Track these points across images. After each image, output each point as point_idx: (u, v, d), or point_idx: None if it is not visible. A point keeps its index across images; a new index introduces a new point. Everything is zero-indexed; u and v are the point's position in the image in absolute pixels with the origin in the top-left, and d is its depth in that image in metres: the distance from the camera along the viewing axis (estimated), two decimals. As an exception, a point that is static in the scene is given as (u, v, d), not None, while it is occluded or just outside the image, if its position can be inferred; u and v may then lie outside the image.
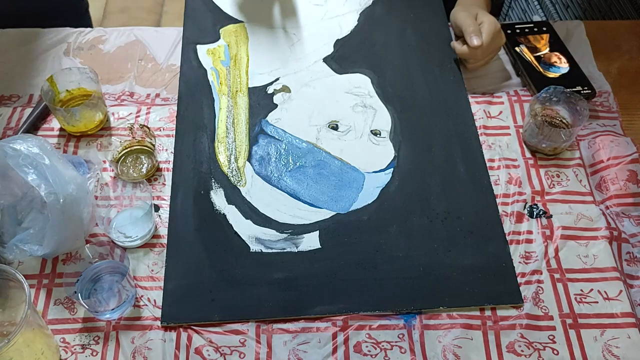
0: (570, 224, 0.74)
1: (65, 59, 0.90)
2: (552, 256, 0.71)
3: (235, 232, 0.73)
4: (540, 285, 0.69)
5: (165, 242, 0.72)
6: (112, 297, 0.64)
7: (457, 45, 0.88)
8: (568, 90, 0.80)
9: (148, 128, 0.81)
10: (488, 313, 0.68)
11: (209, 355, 0.65)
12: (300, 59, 0.90)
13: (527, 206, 0.76)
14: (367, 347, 0.65)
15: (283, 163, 0.79)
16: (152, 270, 0.70)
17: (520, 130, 0.83)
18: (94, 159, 0.77)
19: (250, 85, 0.87)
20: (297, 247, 0.72)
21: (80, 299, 0.65)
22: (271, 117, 0.83)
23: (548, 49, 0.91)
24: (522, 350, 0.65)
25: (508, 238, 0.73)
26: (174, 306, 0.67)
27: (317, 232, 0.73)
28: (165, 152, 0.80)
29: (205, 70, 0.88)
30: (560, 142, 0.78)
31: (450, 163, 0.79)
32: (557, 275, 0.70)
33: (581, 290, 0.69)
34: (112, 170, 0.78)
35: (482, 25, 0.86)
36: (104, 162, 0.79)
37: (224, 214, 0.74)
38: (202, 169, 0.78)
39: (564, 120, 0.81)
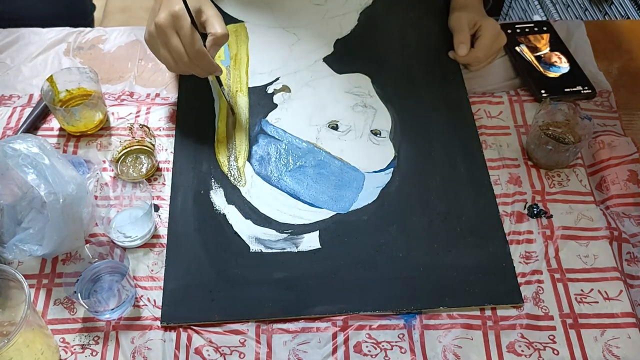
0: (571, 223, 0.74)
1: (65, 59, 0.90)
2: (553, 256, 0.71)
3: (235, 232, 0.73)
4: (541, 285, 0.69)
5: (165, 242, 0.72)
6: (111, 297, 0.64)
7: (455, 53, 0.88)
8: (572, 104, 0.78)
9: (148, 128, 0.81)
10: (488, 313, 0.68)
11: (208, 355, 0.65)
12: (300, 59, 0.90)
13: (527, 206, 0.76)
14: (367, 347, 0.65)
15: (283, 163, 0.79)
16: (152, 270, 0.70)
17: (521, 129, 0.83)
18: (94, 159, 0.77)
19: (250, 85, 0.87)
20: (297, 247, 0.72)
21: (80, 299, 0.65)
22: (271, 116, 0.83)
23: (548, 48, 0.91)
24: (522, 350, 0.65)
25: (508, 238, 0.73)
26: (173, 306, 0.67)
27: (317, 232, 0.73)
28: (165, 152, 0.80)
29: (205, 70, 0.88)
30: (565, 160, 0.77)
31: (450, 163, 0.79)
32: (557, 275, 0.70)
33: (581, 290, 0.69)
34: (112, 170, 0.78)
35: (480, 29, 0.86)
36: (104, 162, 0.79)
37: (223, 213, 0.74)
38: (202, 169, 0.78)
39: (567, 137, 0.80)
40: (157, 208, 0.75)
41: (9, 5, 1.01)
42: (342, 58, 0.90)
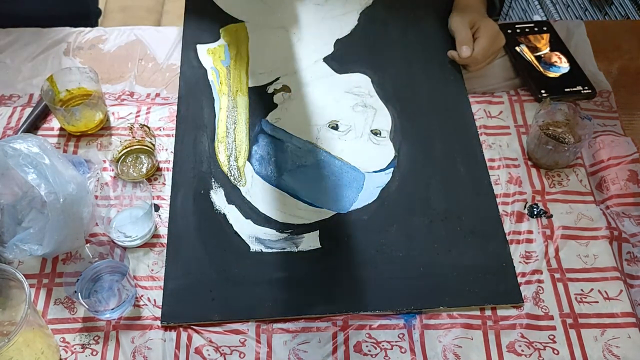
0: (571, 223, 0.74)
1: (65, 59, 0.90)
2: (553, 256, 0.71)
3: (235, 232, 0.73)
4: (541, 285, 0.69)
5: (165, 241, 0.72)
6: (112, 296, 0.64)
7: (455, 54, 0.88)
8: (572, 104, 0.79)
9: (148, 128, 0.81)
10: (488, 313, 0.68)
11: (209, 355, 0.65)
12: (300, 59, 0.90)
13: (527, 206, 0.76)
14: (367, 346, 0.65)
15: (283, 163, 0.79)
16: (152, 270, 0.70)
17: (521, 129, 0.83)
18: (94, 159, 0.77)
19: (250, 85, 0.87)
20: (297, 247, 0.72)
21: (80, 299, 0.65)
22: (271, 116, 0.83)
23: (548, 48, 0.91)
24: (522, 350, 0.65)
25: (508, 238, 0.73)
26: (174, 306, 0.67)
27: (317, 232, 0.73)
28: (165, 152, 0.80)
29: (206, 70, 0.88)
30: (565, 159, 0.78)
31: (450, 163, 0.79)
32: (557, 275, 0.70)
33: (581, 290, 0.69)
34: (112, 170, 0.78)
35: (479, 30, 0.86)
36: (104, 161, 0.79)
37: (224, 213, 0.74)
38: (202, 169, 0.78)
39: (567, 137, 0.80)
40: (157, 208, 0.75)
41: (14, 5, 1.01)
42: (342, 58, 0.90)
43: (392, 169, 0.79)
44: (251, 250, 0.72)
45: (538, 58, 0.89)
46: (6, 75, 0.89)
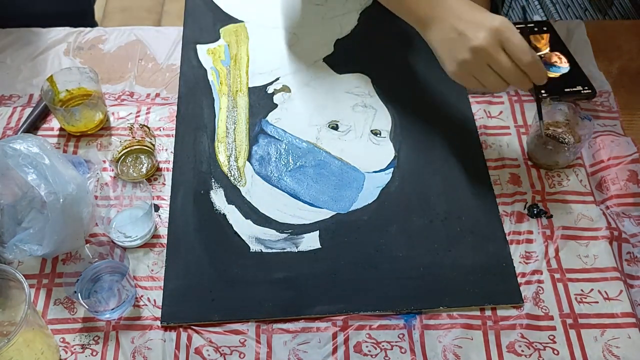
0: (571, 224, 0.74)
1: (65, 59, 0.90)
2: (553, 256, 0.71)
3: (235, 232, 0.73)
4: (541, 285, 0.69)
5: (165, 242, 0.72)
6: (112, 297, 0.64)
7: None
8: (572, 104, 0.79)
9: (148, 128, 0.81)
10: (488, 313, 0.68)
11: (209, 355, 0.65)
12: (300, 59, 0.90)
13: (527, 206, 0.76)
14: (367, 347, 0.65)
15: (283, 163, 0.79)
16: (152, 270, 0.70)
17: (521, 129, 0.83)
18: (94, 159, 0.77)
19: (250, 85, 0.87)
20: (297, 247, 0.72)
21: (80, 299, 0.65)
22: (271, 116, 0.83)
23: (548, 48, 0.91)
24: (522, 350, 0.65)
25: (508, 238, 0.73)
26: (174, 306, 0.67)
27: (317, 232, 0.73)
28: (165, 152, 0.80)
29: (206, 70, 0.88)
30: (565, 159, 0.78)
31: (450, 163, 0.79)
32: (557, 275, 0.70)
33: (581, 290, 0.69)
34: (112, 170, 0.78)
35: None
36: (104, 161, 0.79)
37: (224, 213, 0.74)
38: (202, 169, 0.78)
39: (567, 137, 0.80)
40: (157, 208, 0.75)
41: (15, 5, 1.01)
42: (342, 58, 0.90)
43: (392, 169, 0.79)
44: (251, 250, 0.72)
45: (538, 58, 0.89)
46: (6, 75, 0.89)
